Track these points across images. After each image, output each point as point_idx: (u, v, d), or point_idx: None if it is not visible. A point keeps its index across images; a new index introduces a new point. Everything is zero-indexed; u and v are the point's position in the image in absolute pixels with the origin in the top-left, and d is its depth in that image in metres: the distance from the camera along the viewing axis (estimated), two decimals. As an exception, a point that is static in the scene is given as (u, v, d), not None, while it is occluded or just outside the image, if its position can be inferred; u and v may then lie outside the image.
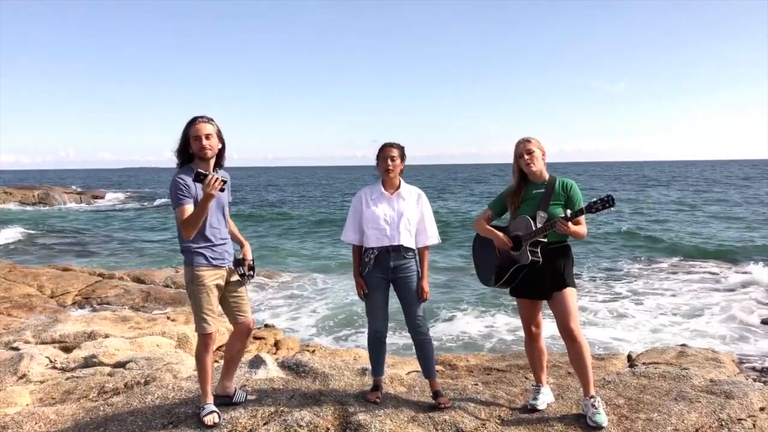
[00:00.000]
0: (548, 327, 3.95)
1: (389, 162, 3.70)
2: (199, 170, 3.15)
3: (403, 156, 3.78)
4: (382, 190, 3.78)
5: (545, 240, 3.47)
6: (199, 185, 3.23)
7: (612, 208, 3.25)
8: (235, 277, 3.59)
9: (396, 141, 3.80)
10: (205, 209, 3.23)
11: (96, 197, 49.72)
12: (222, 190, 3.20)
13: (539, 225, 3.42)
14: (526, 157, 3.50)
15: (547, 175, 3.56)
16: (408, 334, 3.85)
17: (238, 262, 3.60)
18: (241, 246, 3.68)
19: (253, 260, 3.65)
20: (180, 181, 3.30)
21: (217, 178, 3.11)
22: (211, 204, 3.36)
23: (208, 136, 3.34)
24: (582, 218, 3.41)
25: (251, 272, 3.63)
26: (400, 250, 3.71)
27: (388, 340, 3.96)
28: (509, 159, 3.63)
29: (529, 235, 3.44)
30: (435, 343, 3.84)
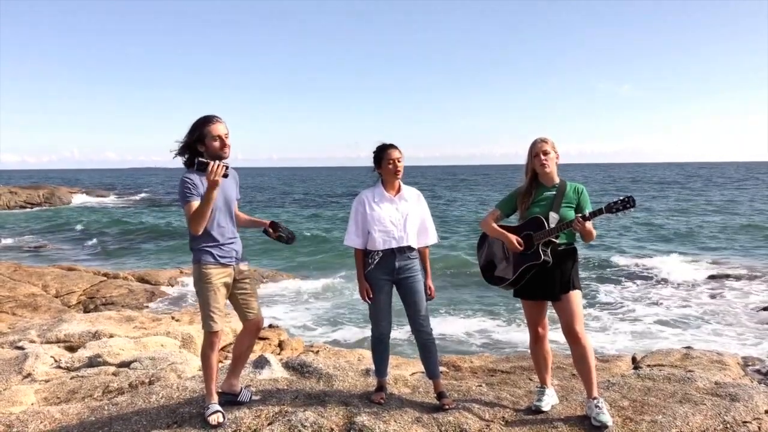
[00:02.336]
0: (551, 329, 3.95)
1: (397, 164, 3.70)
2: (200, 159, 3.17)
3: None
4: (384, 191, 3.77)
5: (557, 240, 3.47)
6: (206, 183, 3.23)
7: (632, 209, 3.21)
8: (244, 275, 3.60)
9: (395, 143, 3.78)
10: (211, 199, 3.21)
11: (101, 197, 49.93)
12: (225, 175, 3.21)
13: (552, 225, 3.42)
14: (542, 157, 3.49)
15: (557, 178, 3.56)
16: (412, 335, 3.85)
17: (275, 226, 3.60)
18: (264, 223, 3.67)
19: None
20: (187, 179, 3.31)
21: (219, 164, 3.13)
22: (218, 203, 3.36)
23: (227, 136, 3.36)
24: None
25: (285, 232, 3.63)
26: (405, 251, 3.71)
27: (391, 341, 3.96)
28: (511, 161, 3.62)
29: (543, 234, 3.44)
30: (436, 344, 3.84)
